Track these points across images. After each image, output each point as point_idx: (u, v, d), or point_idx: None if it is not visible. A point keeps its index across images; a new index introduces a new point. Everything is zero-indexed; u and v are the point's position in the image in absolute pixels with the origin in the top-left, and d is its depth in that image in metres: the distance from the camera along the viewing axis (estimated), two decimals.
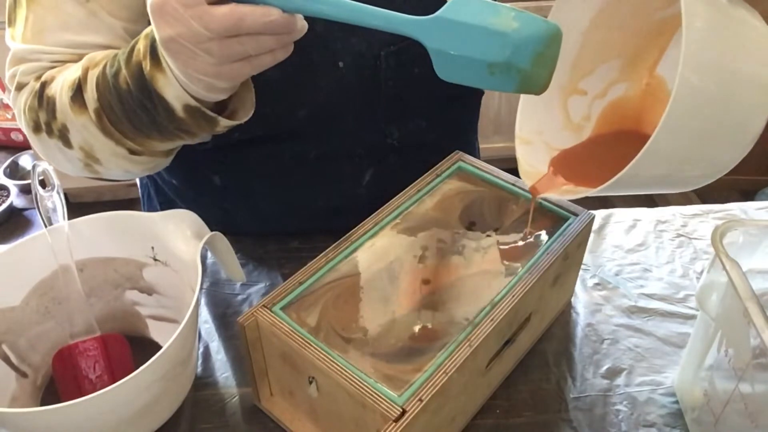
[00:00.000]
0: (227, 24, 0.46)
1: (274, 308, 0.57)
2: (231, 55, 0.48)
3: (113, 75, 0.56)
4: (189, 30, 0.46)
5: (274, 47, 0.49)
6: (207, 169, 0.78)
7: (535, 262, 0.61)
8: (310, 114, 0.72)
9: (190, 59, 0.49)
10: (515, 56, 0.47)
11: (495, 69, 0.48)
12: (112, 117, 0.58)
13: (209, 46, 0.47)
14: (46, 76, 0.62)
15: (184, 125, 0.56)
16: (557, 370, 0.68)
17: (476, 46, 0.47)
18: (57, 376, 0.63)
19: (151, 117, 0.56)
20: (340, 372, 0.52)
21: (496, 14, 0.47)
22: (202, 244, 0.61)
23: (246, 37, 0.47)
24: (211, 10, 0.45)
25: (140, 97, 0.55)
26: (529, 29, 0.48)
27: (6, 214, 2.05)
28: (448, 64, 0.48)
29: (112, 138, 0.60)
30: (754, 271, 0.57)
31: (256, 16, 0.46)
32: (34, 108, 0.62)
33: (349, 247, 0.62)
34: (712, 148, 0.51)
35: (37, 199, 0.60)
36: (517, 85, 0.49)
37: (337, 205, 0.80)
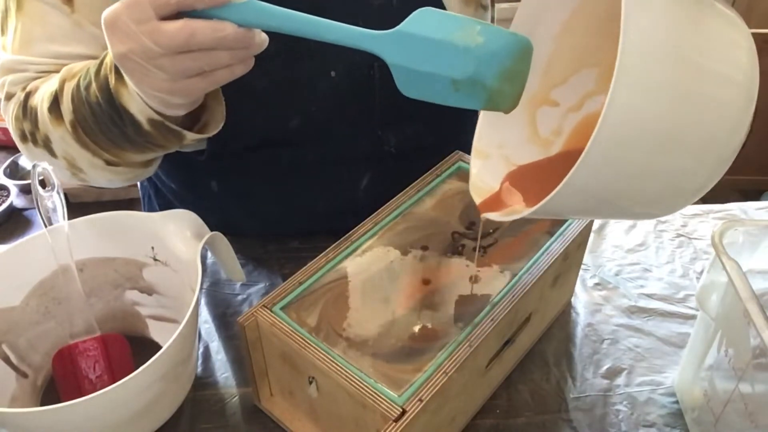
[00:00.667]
0: (178, 40, 0.45)
1: (274, 308, 0.57)
2: (184, 71, 0.47)
3: (85, 88, 0.56)
4: (140, 46, 0.46)
5: (231, 62, 0.48)
6: (204, 175, 0.78)
7: (535, 262, 0.61)
8: (304, 123, 0.72)
9: (144, 76, 0.48)
10: (480, 72, 0.46)
11: (459, 85, 0.46)
12: (86, 129, 0.58)
13: (161, 63, 0.46)
14: (31, 86, 0.63)
15: (152, 138, 0.56)
16: (557, 370, 0.68)
17: (439, 61, 0.45)
18: (57, 376, 0.63)
19: (121, 130, 0.56)
20: (340, 372, 0.52)
21: (459, 28, 0.45)
22: (202, 244, 0.61)
23: (198, 52, 0.46)
24: (161, 26, 0.45)
25: (109, 110, 0.55)
26: (496, 43, 0.46)
27: (6, 214, 2.05)
28: (410, 80, 0.46)
29: (89, 149, 0.60)
30: (754, 271, 0.57)
31: (208, 32, 0.45)
32: (19, 118, 0.63)
33: (349, 247, 0.62)
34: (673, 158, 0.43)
35: (37, 199, 0.60)
36: (485, 102, 0.47)
37: (335, 209, 0.80)
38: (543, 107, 0.58)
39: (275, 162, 0.76)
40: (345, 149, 0.76)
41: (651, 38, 0.39)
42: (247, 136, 0.66)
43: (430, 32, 0.45)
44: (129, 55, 0.47)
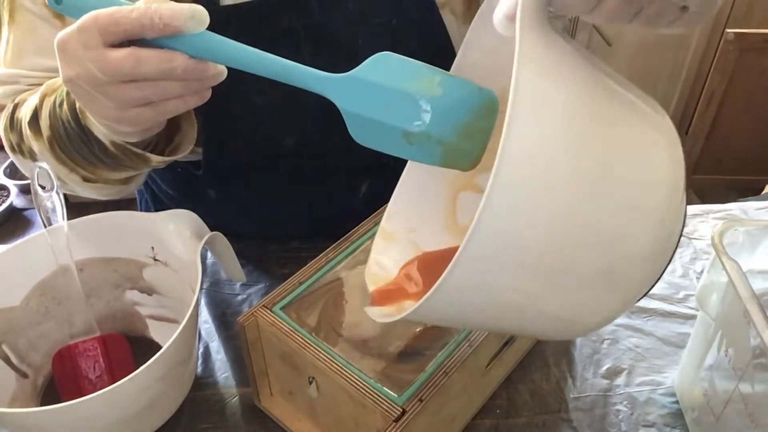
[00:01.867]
0: (122, 69, 0.43)
1: (274, 308, 0.57)
2: (129, 100, 0.45)
3: (59, 105, 0.56)
4: (86, 72, 0.44)
5: (182, 93, 0.46)
6: (202, 184, 0.78)
7: None
8: (301, 139, 0.71)
9: (90, 102, 0.47)
10: (436, 126, 0.42)
11: (413, 138, 0.43)
12: (61, 146, 0.58)
13: (106, 90, 0.45)
14: (18, 98, 0.64)
15: (119, 160, 0.55)
16: (557, 370, 0.68)
17: (391, 110, 0.42)
18: (57, 376, 0.63)
19: (90, 150, 0.56)
20: (340, 372, 0.52)
21: (417, 77, 0.42)
22: (202, 244, 0.61)
23: (144, 82, 0.44)
24: (107, 53, 0.43)
25: (77, 130, 0.55)
26: (456, 96, 0.42)
27: (6, 214, 2.05)
28: (362, 127, 0.43)
29: (66, 165, 0.60)
30: (754, 271, 0.57)
31: (155, 62, 0.43)
32: (7, 129, 0.64)
33: (349, 248, 0.62)
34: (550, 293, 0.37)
35: (37, 199, 0.60)
36: (440, 159, 0.44)
37: (334, 216, 0.80)
38: (465, 192, 0.54)
39: (274, 171, 0.75)
40: (343, 161, 0.76)
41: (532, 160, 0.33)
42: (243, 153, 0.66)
43: (385, 79, 0.42)
44: (76, 80, 0.45)
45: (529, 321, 0.40)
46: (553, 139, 0.34)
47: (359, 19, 0.67)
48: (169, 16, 0.41)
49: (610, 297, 0.39)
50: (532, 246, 0.35)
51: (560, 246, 0.35)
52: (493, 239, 0.34)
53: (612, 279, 0.38)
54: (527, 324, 0.41)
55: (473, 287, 0.36)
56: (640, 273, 0.39)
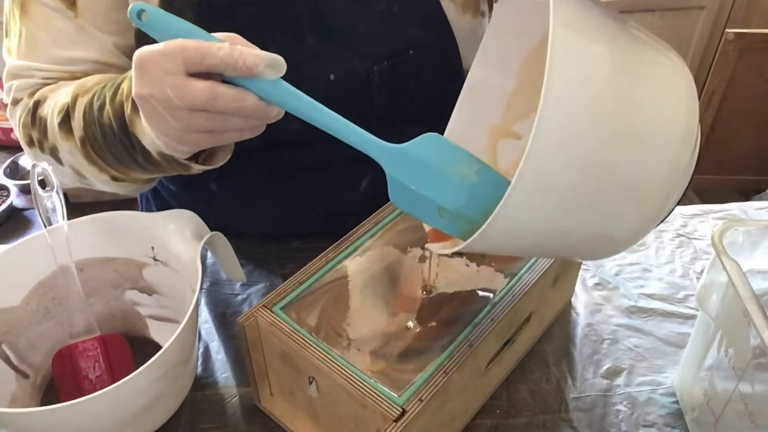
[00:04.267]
0: (200, 100, 0.45)
1: (274, 308, 0.57)
2: (196, 126, 0.48)
3: (98, 108, 0.57)
4: (162, 94, 0.46)
5: (241, 128, 0.49)
6: (203, 176, 0.78)
7: (535, 262, 0.61)
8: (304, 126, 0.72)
9: (156, 119, 0.49)
10: (467, 207, 0.47)
11: (444, 213, 0.47)
12: (95, 147, 0.59)
13: (177, 114, 0.47)
14: (39, 95, 0.64)
15: (160, 167, 0.57)
16: (557, 370, 0.68)
17: (433, 187, 0.47)
18: (57, 376, 0.63)
19: (131, 154, 0.57)
20: (340, 372, 0.52)
21: (459, 163, 0.47)
22: (202, 244, 0.61)
23: (214, 114, 0.47)
24: (188, 82, 0.45)
25: (121, 136, 0.56)
26: (488, 186, 0.47)
27: (6, 214, 2.05)
28: (401, 193, 0.48)
29: (96, 165, 0.61)
30: (754, 271, 0.57)
31: (229, 99, 0.46)
32: (27, 125, 0.64)
33: (349, 247, 0.62)
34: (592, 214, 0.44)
35: (37, 199, 0.60)
36: (462, 233, 0.48)
37: (334, 211, 0.80)
38: (504, 139, 0.58)
39: (275, 164, 0.76)
40: (345, 151, 0.76)
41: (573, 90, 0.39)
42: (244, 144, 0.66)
43: (432, 159, 0.47)
44: (149, 99, 0.47)
45: (573, 242, 0.45)
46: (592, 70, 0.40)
47: (361, 6, 0.68)
48: (253, 62, 0.45)
49: (638, 213, 0.45)
50: (578, 167, 0.40)
51: (599, 167, 0.41)
52: (543, 165, 0.39)
53: (639, 197, 0.44)
54: (572, 244, 0.46)
55: (527, 211, 0.41)
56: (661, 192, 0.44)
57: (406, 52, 0.71)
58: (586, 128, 0.40)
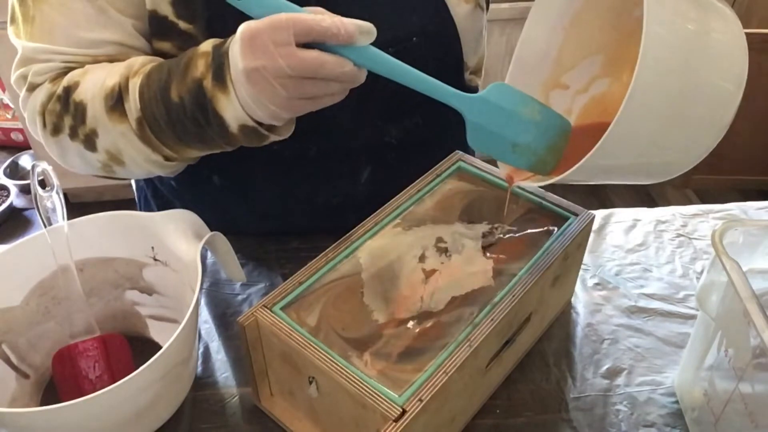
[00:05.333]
0: (310, 67, 0.50)
1: (274, 308, 0.57)
2: (302, 93, 0.53)
3: (162, 89, 0.58)
4: (274, 65, 0.50)
5: (337, 92, 0.54)
6: (206, 169, 0.79)
7: (535, 262, 0.61)
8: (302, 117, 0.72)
9: (266, 89, 0.53)
10: (535, 142, 0.56)
11: (517, 148, 0.56)
12: (154, 126, 0.60)
13: (286, 82, 0.52)
14: (68, 80, 0.63)
15: (233, 140, 0.59)
16: (557, 370, 0.68)
17: (508, 126, 0.56)
18: (57, 376, 0.63)
19: (201, 130, 0.59)
20: (340, 372, 0.52)
21: (526, 104, 0.56)
22: (202, 244, 0.61)
23: (320, 80, 0.52)
24: (298, 52, 0.50)
25: (194, 111, 0.58)
26: (550, 122, 0.57)
27: (6, 214, 2.05)
28: (480, 135, 0.56)
29: (151, 146, 0.62)
30: (754, 271, 0.57)
31: (334, 65, 0.51)
32: (55, 112, 0.63)
33: (349, 247, 0.62)
34: (679, 133, 0.52)
35: (37, 199, 0.60)
36: (531, 165, 0.57)
37: (336, 203, 0.80)
38: (555, 90, 0.66)
39: (277, 155, 0.76)
40: (346, 141, 0.76)
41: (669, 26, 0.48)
42: None
43: (506, 103, 0.56)
44: (261, 70, 0.51)
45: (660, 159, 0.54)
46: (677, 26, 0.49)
47: None
48: (352, 30, 0.50)
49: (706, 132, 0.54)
50: (668, 98, 0.49)
51: (683, 97, 0.50)
52: (644, 96, 0.47)
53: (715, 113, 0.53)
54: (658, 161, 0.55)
55: (629, 137, 0.49)
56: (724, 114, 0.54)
57: (409, 39, 0.71)
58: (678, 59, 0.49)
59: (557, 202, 0.68)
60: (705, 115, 0.52)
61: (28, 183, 2.10)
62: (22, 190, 2.13)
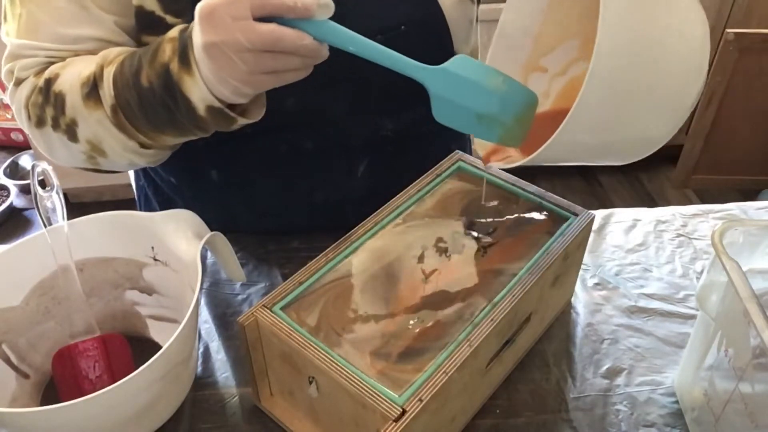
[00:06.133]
0: (267, 40, 0.51)
1: (274, 308, 0.57)
2: (263, 67, 0.53)
3: (134, 74, 0.59)
4: (232, 39, 0.51)
5: (299, 67, 0.54)
6: (205, 164, 0.79)
7: (535, 262, 0.61)
8: (299, 105, 0.72)
9: (227, 65, 0.53)
10: (501, 112, 0.56)
11: (482, 119, 0.56)
12: (128, 113, 0.61)
13: (246, 56, 0.52)
14: (50, 72, 0.64)
15: (203, 123, 0.59)
16: (557, 370, 0.68)
17: (471, 98, 0.55)
18: (57, 376, 0.63)
19: (171, 114, 0.59)
20: (340, 372, 0.52)
21: (489, 76, 0.56)
22: (202, 244, 0.61)
23: (279, 54, 0.52)
24: (255, 25, 0.50)
25: (163, 96, 0.58)
26: (514, 93, 0.57)
27: (6, 214, 2.05)
28: (445, 108, 0.56)
29: (126, 132, 0.62)
30: (754, 271, 0.57)
31: (292, 38, 0.51)
32: (38, 104, 0.64)
33: (349, 247, 0.62)
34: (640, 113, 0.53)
35: (37, 199, 0.60)
36: (498, 137, 0.57)
37: (333, 199, 0.80)
38: (534, 73, 0.66)
39: (274, 150, 0.76)
40: (342, 135, 0.76)
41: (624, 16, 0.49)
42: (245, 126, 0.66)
43: (469, 74, 0.55)
44: (219, 45, 0.52)
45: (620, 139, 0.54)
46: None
47: None
48: (309, 3, 0.50)
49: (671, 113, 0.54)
50: (624, 76, 0.49)
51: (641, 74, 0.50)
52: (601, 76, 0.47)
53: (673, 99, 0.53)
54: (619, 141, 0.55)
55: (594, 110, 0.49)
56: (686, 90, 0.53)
57: (398, 27, 0.72)
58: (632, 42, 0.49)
59: (557, 202, 0.68)
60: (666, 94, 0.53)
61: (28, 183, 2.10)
62: (22, 190, 2.13)
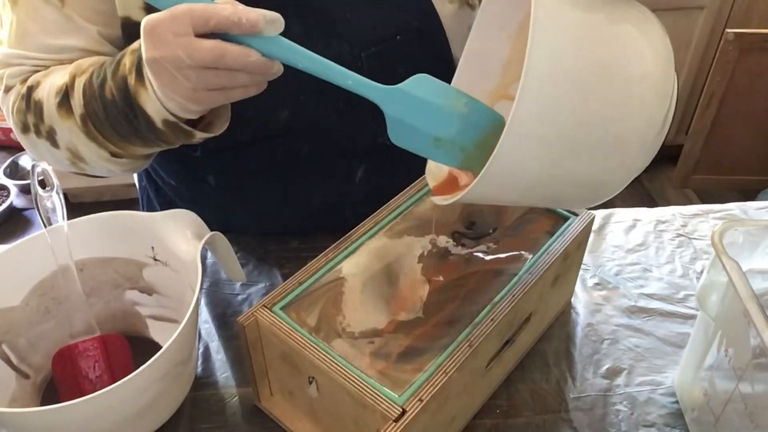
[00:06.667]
0: (208, 57, 0.49)
1: (274, 308, 0.57)
2: (206, 84, 0.51)
3: (99, 85, 0.59)
4: (173, 55, 0.49)
5: (248, 84, 0.52)
6: (201, 170, 0.79)
7: (535, 262, 0.61)
8: (294, 114, 0.72)
9: (170, 81, 0.52)
10: (460, 136, 0.52)
11: (441, 143, 0.52)
12: (96, 123, 0.61)
13: (188, 73, 0.50)
14: (32, 80, 0.65)
15: (163, 136, 0.59)
16: (557, 370, 0.68)
17: (427, 120, 0.51)
18: (57, 376, 0.63)
19: (133, 126, 0.59)
20: (340, 372, 0.52)
21: (449, 97, 0.52)
22: (202, 244, 0.61)
23: (223, 71, 0.50)
24: (196, 41, 0.49)
25: (124, 108, 0.58)
26: (477, 116, 0.52)
27: (6, 214, 2.05)
28: (400, 131, 0.52)
29: (96, 142, 0.63)
30: (754, 271, 0.57)
31: (236, 55, 0.49)
32: (22, 110, 0.65)
33: (349, 247, 0.62)
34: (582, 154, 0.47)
35: (37, 199, 0.60)
36: (459, 162, 0.53)
37: (332, 202, 0.80)
38: (501, 101, 0.62)
39: (271, 155, 0.76)
40: (339, 142, 0.76)
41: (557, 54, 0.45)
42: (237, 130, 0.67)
43: (426, 95, 0.51)
44: (161, 60, 0.50)
45: (561, 187, 0.50)
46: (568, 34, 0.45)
47: None
48: (255, 18, 0.48)
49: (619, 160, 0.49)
50: (561, 120, 0.45)
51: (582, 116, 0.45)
52: (529, 120, 0.44)
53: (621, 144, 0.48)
54: (561, 192, 0.51)
55: (517, 162, 0.46)
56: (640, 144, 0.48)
57: (394, 37, 0.71)
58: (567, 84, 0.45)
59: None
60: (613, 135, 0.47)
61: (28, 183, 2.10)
62: (22, 190, 2.13)
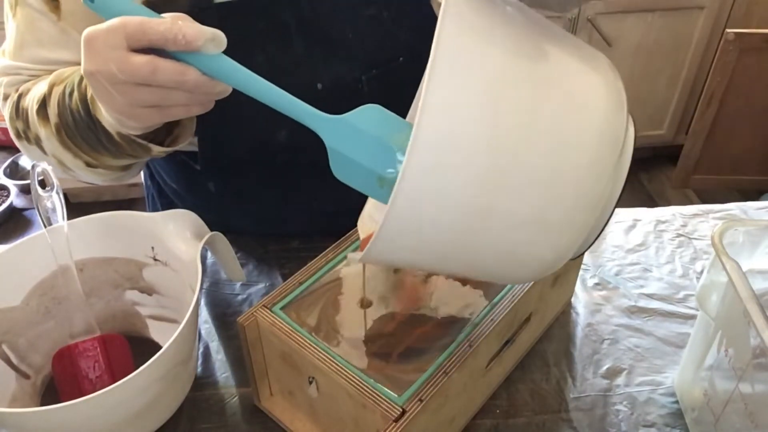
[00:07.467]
0: (140, 73, 0.46)
1: (274, 308, 0.57)
2: (140, 100, 0.49)
3: (69, 94, 0.59)
4: (106, 69, 0.48)
5: (187, 103, 0.50)
6: (202, 177, 0.79)
7: None
8: (292, 135, 0.72)
9: (105, 95, 0.51)
10: None
11: (384, 183, 0.47)
12: (68, 132, 0.61)
13: (121, 89, 0.48)
14: (22, 88, 0.67)
15: (122, 149, 0.59)
16: (557, 370, 0.68)
17: (371, 156, 0.46)
18: (57, 376, 0.63)
19: (97, 137, 0.59)
20: (340, 372, 0.52)
21: (398, 131, 0.46)
22: (202, 244, 0.61)
23: (157, 88, 0.48)
24: (129, 56, 0.46)
25: (86, 119, 0.58)
26: None
27: (6, 214, 2.05)
28: (342, 165, 0.47)
29: (70, 151, 0.63)
30: (754, 271, 0.57)
31: (170, 73, 0.46)
32: (13, 117, 0.67)
33: (349, 247, 0.62)
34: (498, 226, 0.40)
35: (37, 199, 0.60)
36: None
37: (332, 210, 0.80)
38: None
39: (271, 165, 0.76)
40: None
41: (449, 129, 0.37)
42: (236, 148, 0.67)
43: (370, 128, 0.46)
44: (96, 75, 0.49)
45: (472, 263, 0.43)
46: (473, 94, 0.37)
47: (350, 12, 0.68)
48: (193, 35, 0.45)
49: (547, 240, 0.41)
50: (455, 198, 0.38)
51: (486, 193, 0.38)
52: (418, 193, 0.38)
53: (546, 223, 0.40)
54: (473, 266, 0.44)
55: (408, 233, 0.39)
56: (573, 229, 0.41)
57: (396, 59, 0.70)
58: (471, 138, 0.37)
59: None
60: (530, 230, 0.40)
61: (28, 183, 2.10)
62: (22, 190, 2.13)
